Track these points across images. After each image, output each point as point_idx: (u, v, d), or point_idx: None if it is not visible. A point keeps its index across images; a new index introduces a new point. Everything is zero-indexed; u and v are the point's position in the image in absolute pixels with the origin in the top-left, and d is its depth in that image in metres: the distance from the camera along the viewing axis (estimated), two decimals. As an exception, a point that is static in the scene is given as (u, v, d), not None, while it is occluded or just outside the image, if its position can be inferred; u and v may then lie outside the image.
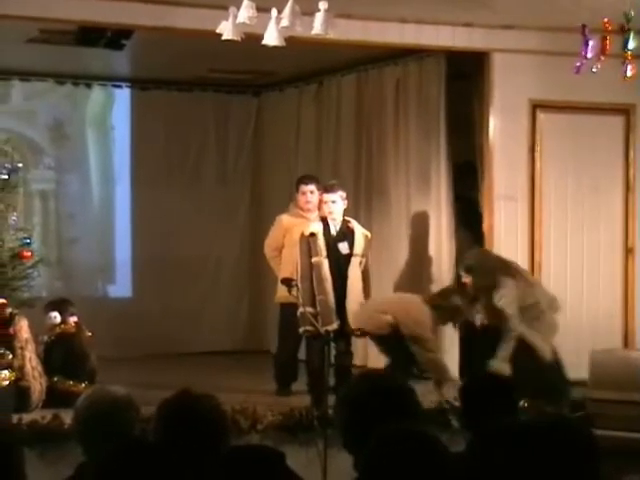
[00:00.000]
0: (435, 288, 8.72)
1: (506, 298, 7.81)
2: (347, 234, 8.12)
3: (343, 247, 8.05)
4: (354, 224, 8.20)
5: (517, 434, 2.99)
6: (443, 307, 7.92)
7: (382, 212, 9.53)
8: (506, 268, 8.00)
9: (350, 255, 8.06)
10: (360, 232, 8.16)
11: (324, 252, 7.96)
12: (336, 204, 8.08)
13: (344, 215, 8.19)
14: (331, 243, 8.02)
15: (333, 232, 8.08)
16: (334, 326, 7.78)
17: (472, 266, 8.04)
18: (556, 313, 8.12)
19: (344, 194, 8.17)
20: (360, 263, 8.10)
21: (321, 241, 7.97)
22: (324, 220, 8.12)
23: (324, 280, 7.91)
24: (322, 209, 8.23)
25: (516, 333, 7.84)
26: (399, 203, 9.42)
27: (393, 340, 7.69)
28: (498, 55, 8.54)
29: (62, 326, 8.06)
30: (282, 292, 7.99)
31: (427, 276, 9.11)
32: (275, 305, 8.60)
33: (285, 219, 8.49)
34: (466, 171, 9.14)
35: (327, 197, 8.12)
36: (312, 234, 7.99)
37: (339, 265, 8.01)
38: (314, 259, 7.95)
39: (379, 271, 8.92)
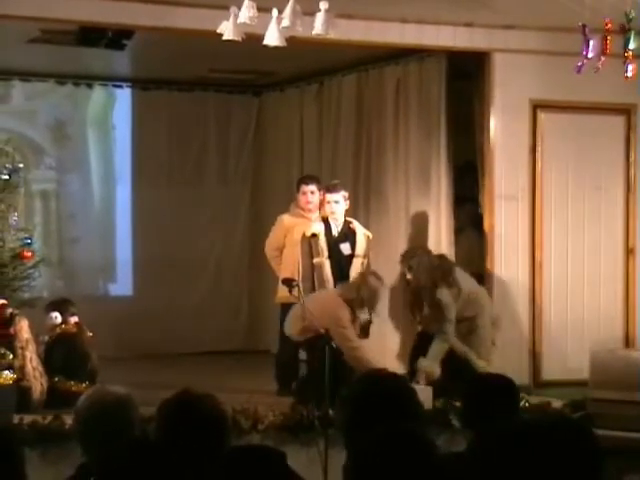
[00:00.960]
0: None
1: (444, 299, 7.89)
2: (349, 235, 8.11)
3: (345, 248, 8.05)
4: (356, 224, 8.20)
5: (518, 434, 2.99)
6: (355, 299, 7.76)
7: (381, 212, 9.53)
8: (444, 276, 8.01)
9: (352, 256, 8.06)
10: (362, 232, 8.16)
11: (326, 253, 7.96)
12: (338, 204, 8.07)
13: (345, 215, 8.19)
14: (332, 244, 8.01)
15: (335, 233, 8.07)
16: None
17: (412, 266, 8.07)
18: (497, 331, 8.16)
19: (346, 194, 8.18)
20: (362, 264, 8.10)
21: (323, 242, 7.96)
22: (325, 220, 8.11)
23: (326, 281, 7.91)
24: (324, 209, 8.23)
25: (447, 337, 7.88)
26: (399, 203, 9.41)
27: (320, 343, 7.12)
28: (499, 55, 8.54)
29: (63, 326, 8.06)
30: (283, 292, 7.97)
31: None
32: (275, 305, 8.60)
33: (286, 219, 8.49)
34: (467, 171, 9.14)
35: (330, 197, 8.11)
36: (314, 235, 7.98)
37: (341, 266, 8.00)
38: (316, 260, 7.95)
39: (378, 271, 8.90)
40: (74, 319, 8.13)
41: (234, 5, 6.28)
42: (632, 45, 6.27)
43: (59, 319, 8.09)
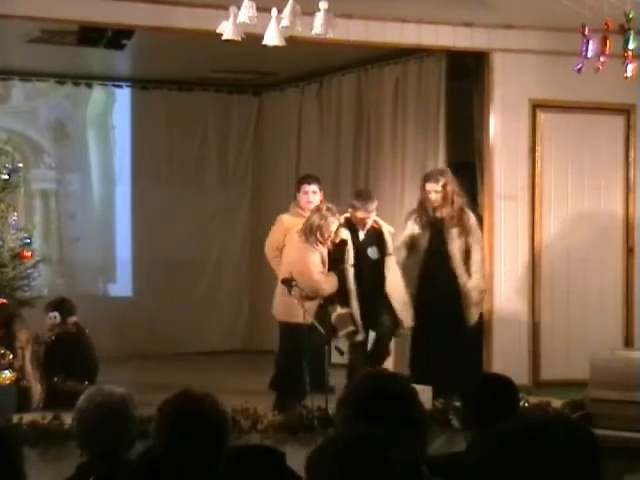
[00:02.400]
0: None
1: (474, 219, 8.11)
2: (375, 236, 7.94)
3: (372, 252, 7.90)
4: (380, 223, 8.00)
5: (518, 434, 2.99)
6: (311, 229, 7.70)
7: (379, 210, 9.51)
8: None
9: (378, 260, 7.89)
10: (387, 230, 7.98)
11: (351, 260, 7.80)
12: (371, 216, 7.94)
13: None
14: (361, 250, 7.87)
15: (361, 237, 7.93)
16: (360, 337, 7.75)
17: (447, 181, 8.04)
18: None
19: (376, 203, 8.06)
20: (397, 260, 7.92)
21: (350, 248, 7.80)
22: (350, 224, 7.92)
23: (350, 290, 7.75)
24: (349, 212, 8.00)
25: (482, 247, 8.07)
26: (397, 202, 9.42)
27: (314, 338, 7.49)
28: (498, 55, 8.54)
29: (62, 326, 8.06)
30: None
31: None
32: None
33: (286, 219, 8.45)
34: (465, 170, 9.14)
35: (371, 208, 7.88)
36: (343, 240, 7.81)
37: (369, 271, 7.86)
38: (340, 266, 7.77)
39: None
40: (73, 319, 8.13)
41: (234, 5, 6.28)
42: (632, 45, 6.27)
43: (58, 319, 8.09)
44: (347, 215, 7.97)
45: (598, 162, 8.77)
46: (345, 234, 7.87)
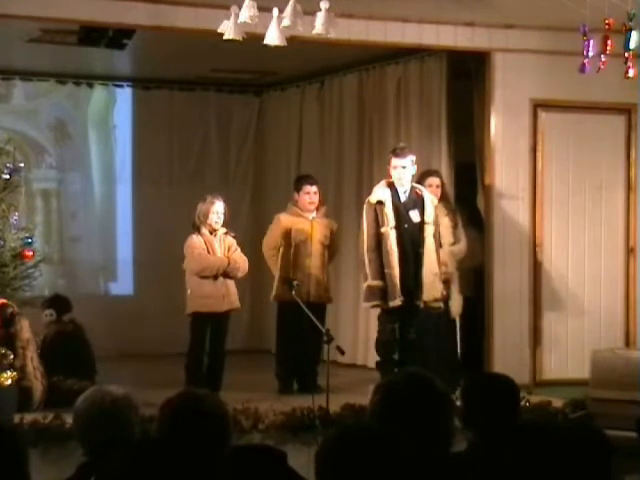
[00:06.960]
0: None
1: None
2: (417, 201, 7.73)
3: (414, 215, 7.67)
4: (423, 190, 7.83)
5: (519, 433, 2.99)
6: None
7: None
8: None
9: (421, 223, 7.69)
10: (429, 199, 7.79)
11: (392, 222, 7.59)
12: (406, 170, 7.67)
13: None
14: (402, 211, 7.66)
15: (403, 199, 7.69)
16: (397, 302, 7.53)
17: (440, 174, 8.39)
18: None
19: (414, 158, 7.78)
20: (433, 233, 7.74)
21: (389, 210, 7.61)
22: (391, 187, 7.71)
23: (390, 252, 7.55)
24: (389, 175, 7.78)
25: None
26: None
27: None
28: (500, 54, 8.54)
29: (58, 323, 8.07)
30: (279, 290, 8.05)
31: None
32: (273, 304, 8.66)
33: (284, 218, 8.46)
34: (467, 170, 9.14)
35: (397, 162, 7.67)
36: (379, 202, 7.62)
37: (412, 234, 7.64)
38: (382, 229, 7.59)
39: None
40: (69, 316, 8.13)
41: (235, 4, 6.28)
42: (633, 44, 6.26)
43: (54, 316, 8.10)
44: (389, 179, 7.76)
45: (599, 162, 8.77)
46: (381, 195, 7.68)
